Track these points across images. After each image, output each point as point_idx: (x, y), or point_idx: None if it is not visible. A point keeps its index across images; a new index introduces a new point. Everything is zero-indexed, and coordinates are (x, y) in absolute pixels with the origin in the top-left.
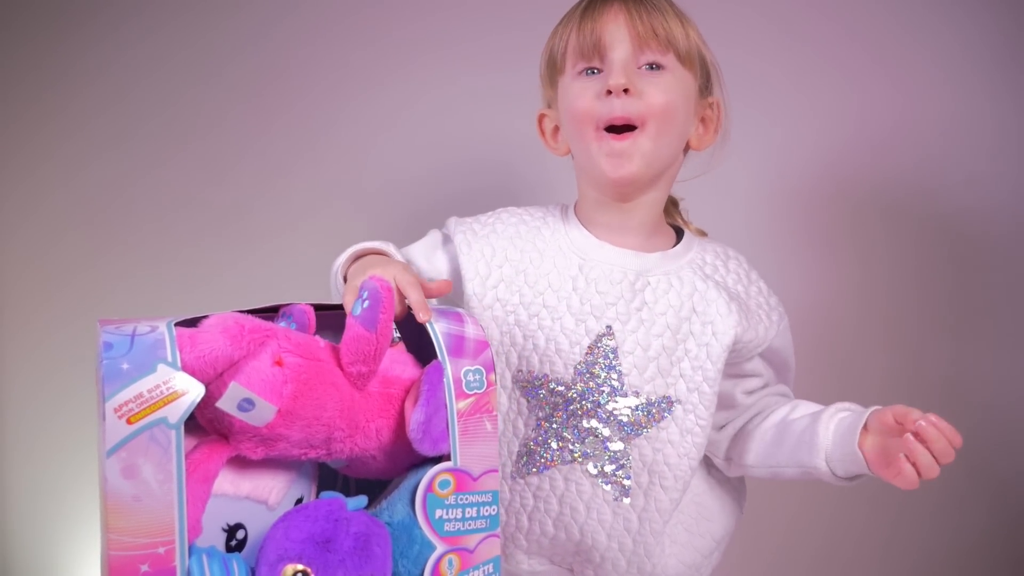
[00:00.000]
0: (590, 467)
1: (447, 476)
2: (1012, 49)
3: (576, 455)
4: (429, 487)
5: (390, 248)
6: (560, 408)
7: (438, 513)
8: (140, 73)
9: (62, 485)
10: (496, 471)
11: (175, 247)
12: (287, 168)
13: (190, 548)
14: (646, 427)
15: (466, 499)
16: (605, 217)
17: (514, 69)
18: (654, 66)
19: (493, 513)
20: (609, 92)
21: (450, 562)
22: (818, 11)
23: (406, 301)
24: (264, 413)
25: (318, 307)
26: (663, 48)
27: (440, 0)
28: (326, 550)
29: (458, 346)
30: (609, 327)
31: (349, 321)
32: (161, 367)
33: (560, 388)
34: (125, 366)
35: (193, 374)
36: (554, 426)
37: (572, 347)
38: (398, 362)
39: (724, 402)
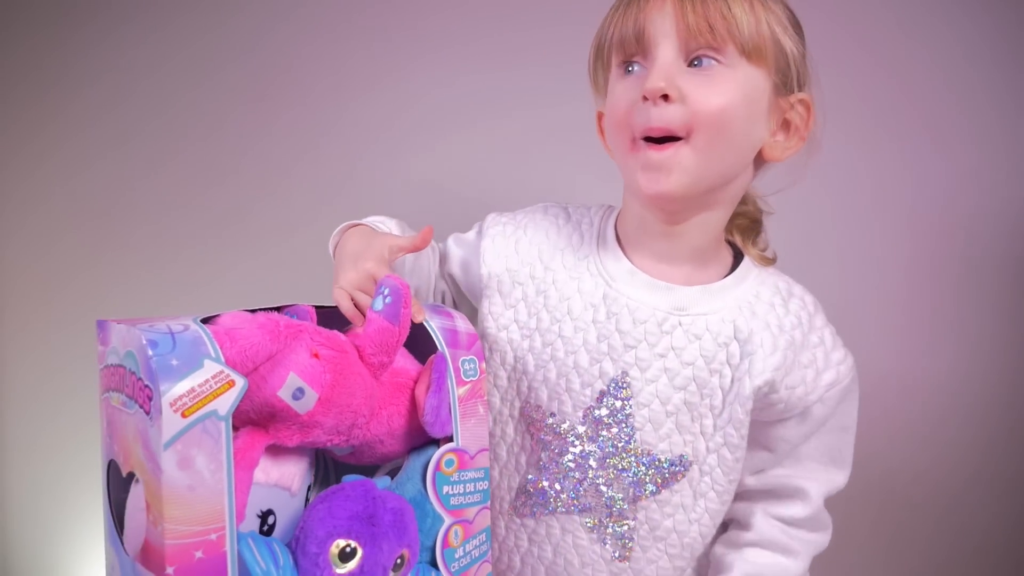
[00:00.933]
0: (588, 520)
1: (451, 456)
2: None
3: (575, 508)
4: (437, 466)
5: (387, 225)
6: (565, 452)
7: (445, 489)
8: (140, 74)
9: (62, 483)
10: (487, 450)
11: (175, 248)
12: (287, 169)
13: (237, 534)
14: (656, 489)
15: (466, 475)
16: (647, 239)
17: (515, 69)
18: (708, 61)
19: (485, 488)
20: (646, 98)
21: (456, 532)
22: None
23: None
24: (309, 401)
25: (318, 307)
26: (720, 41)
27: (440, 0)
28: (372, 525)
29: (453, 339)
30: (625, 372)
31: (371, 315)
32: (207, 362)
33: (566, 429)
34: (175, 362)
35: (234, 367)
36: (556, 471)
37: (583, 388)
38: (400, 354)
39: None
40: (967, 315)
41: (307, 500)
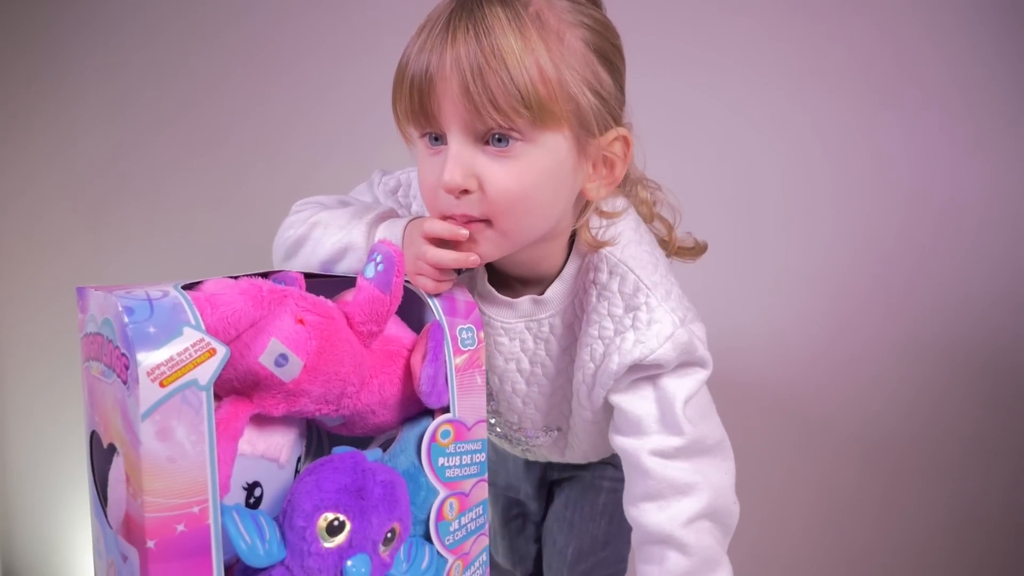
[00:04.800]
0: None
1: (448, 427)
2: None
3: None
4: (433, 437)
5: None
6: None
7: (440, 461)
8: (134, 44)
9: (60, 453)
10: (484, 421)
11: (167, 217)
12: (282, 138)
13: (221, 507)
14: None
15: (463, 447)
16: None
17: None
18: (506, 139)
19: (482, 460)
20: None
21: (451, 505)
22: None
23: None
24: (294, 369)
25: (306, 275)
26: (508, 119)
27: None
28: (360, 498)
29: (451, 307)
30: (501, 374)
31: (362, 283)
32: (187, 330)
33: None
34: (152, 330)
35: (216, 335)
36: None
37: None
38: (392, 322)
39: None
40: (960, 277)
41: (297, 472)
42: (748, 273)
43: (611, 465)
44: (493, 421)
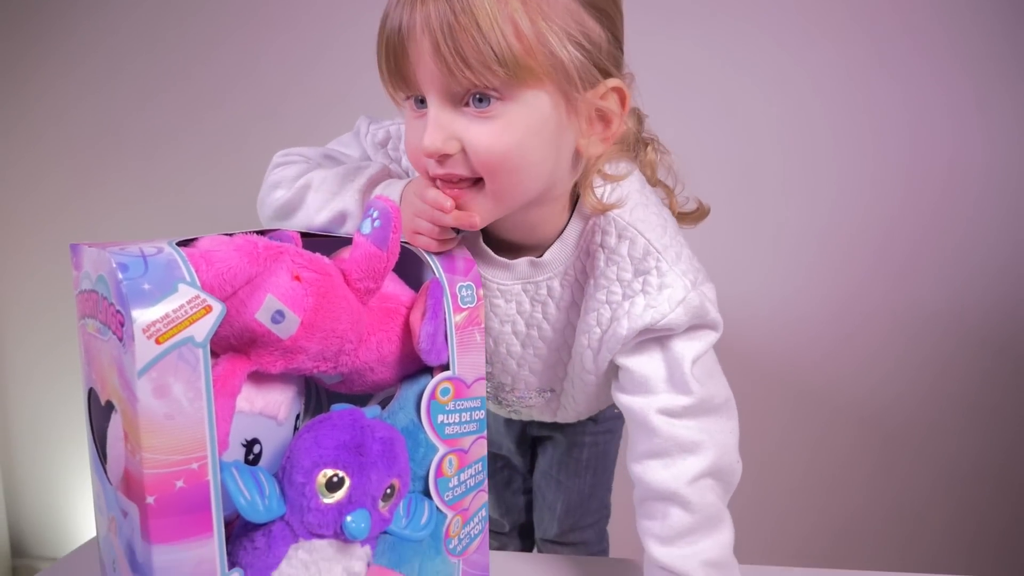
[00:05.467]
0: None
1: (447, 384)
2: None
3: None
4: (432, 395)
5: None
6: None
7: (440, 418)
8: (127, 10)
9: (63, 411)
10: (483, 379)
11: (164, 178)
12: (280, 96)
13: (220, 463)
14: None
15: (462, 404)
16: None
17: None
18: (486, 99)
19: (481, 417)
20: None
21: (450, 462)
22: None
23: None
24: (290, 325)
25: (303, 233)
26: (485, 79)
27: None
28: (359, 454)
29: (449, 264)
30: (498, 335)
31: (358, 239)
32: (182, 287)
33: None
34: (147, 286)
35: (211, 292)
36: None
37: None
38: (390, 280)
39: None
40: (963, 241)
41: (296, 430)
42: (748, 238)
43: (591, 420)
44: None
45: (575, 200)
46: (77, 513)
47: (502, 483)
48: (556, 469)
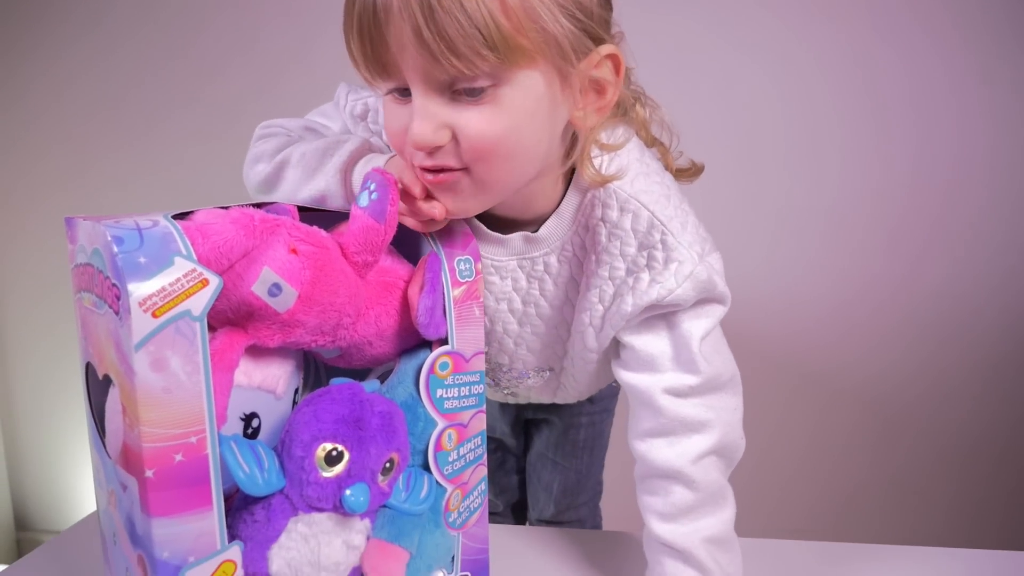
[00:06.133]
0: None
1: (446, 358)
2: None
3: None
4: (431, 369)
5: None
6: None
7: (439, 392)
8: None
9: (67, 386)
10: (483, 353)
11: (162, 154)
12: (275, 72)
13: (219, 437)
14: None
15: (461, 379)
16: None
17: None
18: (476, 88)
19: (480, 391)
20: None
21: (449, 436)
22: None
23: None
24: (288, 299)
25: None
26: (474, 67)
27: None
28: (359, 428)
29: (448, 239)
30: (494, 314)
31: (355, 212)
32: (178, 260)
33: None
34: (142, 260)
35: (208, 265)
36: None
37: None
38: (388, 253)
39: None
40: (967, 215)
41: (294, 404)
42: (750, 217)
43: (588, 400)
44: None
45: (571, 172)
46: (79, 486)
47: (495, 464)
48: (552, 451)
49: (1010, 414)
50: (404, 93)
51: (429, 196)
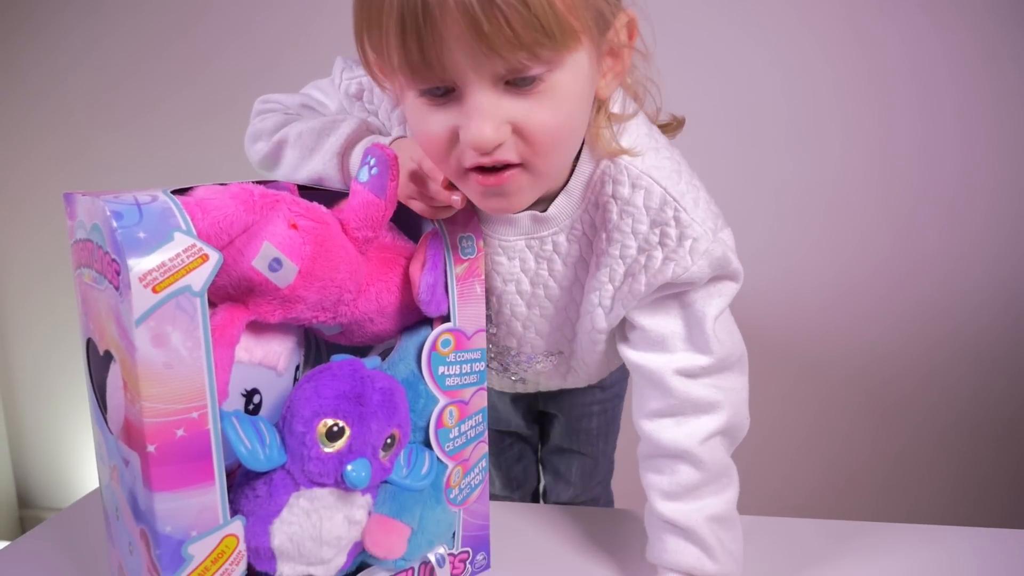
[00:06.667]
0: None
1: (448, 336)
2: None
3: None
4: (433, 346)
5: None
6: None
7: (440, 369)
8: None
9: (64, 364)
10: (484, 331)
11: (163, 134)
12: (276, 52)
13: (220, 412)
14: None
15: (463, 356)
16: None
17: None
18: (531, 78)
19: (482, 369)
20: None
21: (450, 413)
22: None
23: None
24: (288, 274)
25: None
26: (534, 57)
27: None
28: (359, 404)
29: (450, 215)
30: (500, 294)
31: (355, 187)
32: (177, 235)
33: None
34: (142, 235)
35: (208, 241)
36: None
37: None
38: (388, 230)
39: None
40: (967, 198)
41: (295, 380)
42: (749, 195)
43: (599, 388)
44: (488, 348)
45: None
46: (82, 464)
47: (513, 459)
48: (568, 441)
49: (1012, 397)
50: (440, 93)
51: (449, 184)
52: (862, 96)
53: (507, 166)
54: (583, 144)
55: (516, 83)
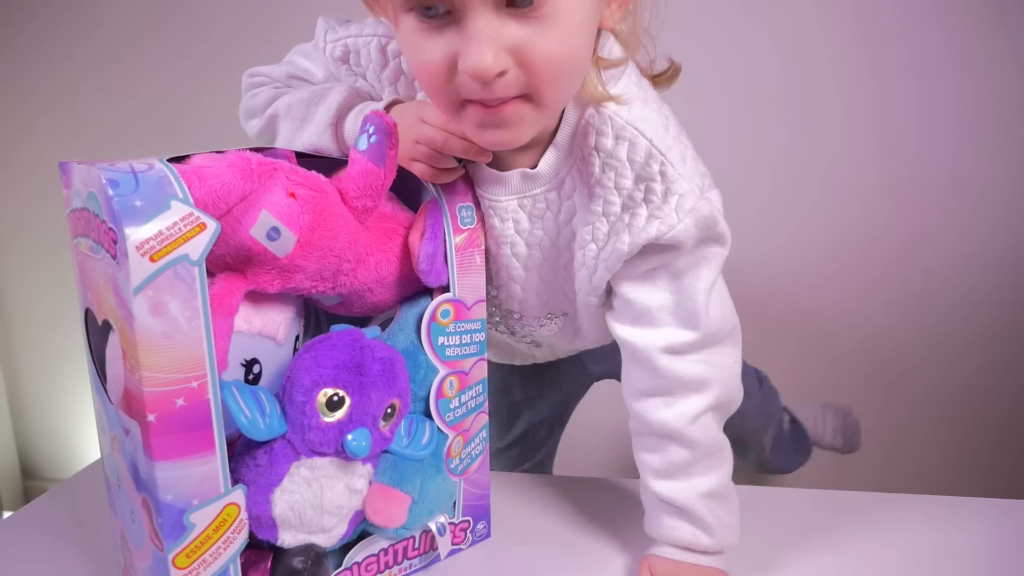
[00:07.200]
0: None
1: (447, 306)
2: None
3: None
4: (432, 316)
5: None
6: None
7: (440, 340)
8: None
9: (65, 334)
10: (483, 301)
11: (161, 106)
12: (272, 23)
13: (219, 382)
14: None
15: (463, 327)
16: None
17: None
18: (524, 1)
19: (482, 339)
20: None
21: (451, 383)
22: None
23: None
24: (287, 243)
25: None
26: None
27: None
28: (359, 374)
29: (449, 185)
30: (498, 255)
31: (354, 156)
32: (174, 203)
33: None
34: (138, 203)
35: (205, 209)
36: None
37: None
38: (388, 199)
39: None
40: (967, 170)
41: (295, 351)
42: (747, 167)
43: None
44: (492, 311)
45: None
46: (85, 435)
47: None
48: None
49: (1015, 368)
50: (437, 14)
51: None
52: (860, 68)
53: (510, 99)
54: None
55: (518, 3)
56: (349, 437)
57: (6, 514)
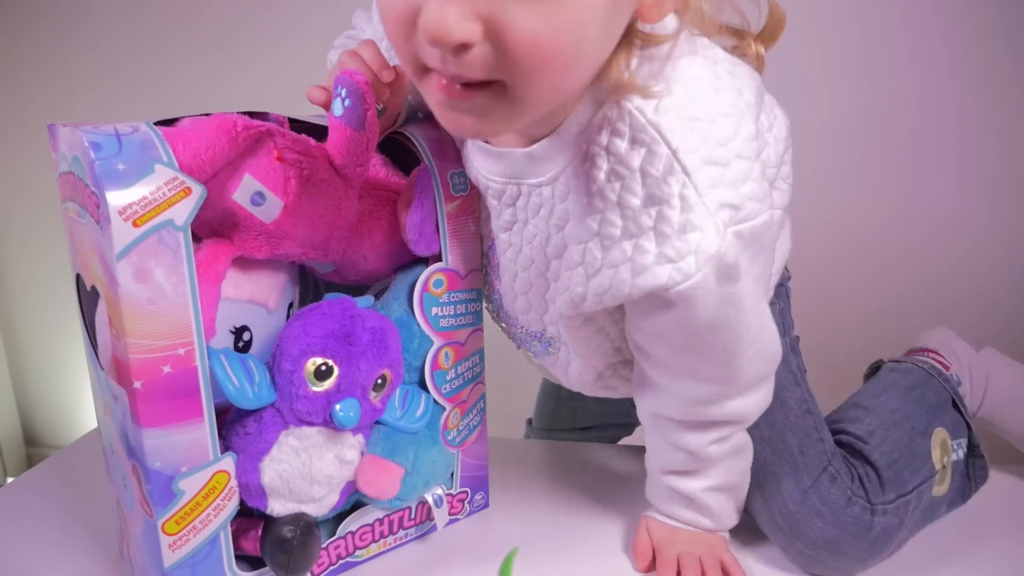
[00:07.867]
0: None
1: (440, 276)
2: None
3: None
4: (425, 286)
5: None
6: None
7: (434, 311)
8: None
9: (65, 300)
10: (479, 270)
11: (159, 81)
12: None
13: (208, 350)
14: (542, 349)
15: (456, 296)
16: None
17: None
18: None
19: (478, 309)
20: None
21: (446, 354)
22: None
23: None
24: (273, 209)
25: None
26: None
27: None
28: (348, 343)
29: (439, 149)
30: (493, 241)
31: (333, 122)
32: (159, 167)
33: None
34: (121, 167)
35: (190, 173)
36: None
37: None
38: (381, 165)
39: None
40: (963, 144)
41: (289, 318)
42: None
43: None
44: (496, 316)
45: None
46: (86, 401)
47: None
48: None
49: (1019, 337)
50: None
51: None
52: (855, 53)
53: (477, 84)
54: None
55: None
56: (337, 407)
57: (9, 479)
